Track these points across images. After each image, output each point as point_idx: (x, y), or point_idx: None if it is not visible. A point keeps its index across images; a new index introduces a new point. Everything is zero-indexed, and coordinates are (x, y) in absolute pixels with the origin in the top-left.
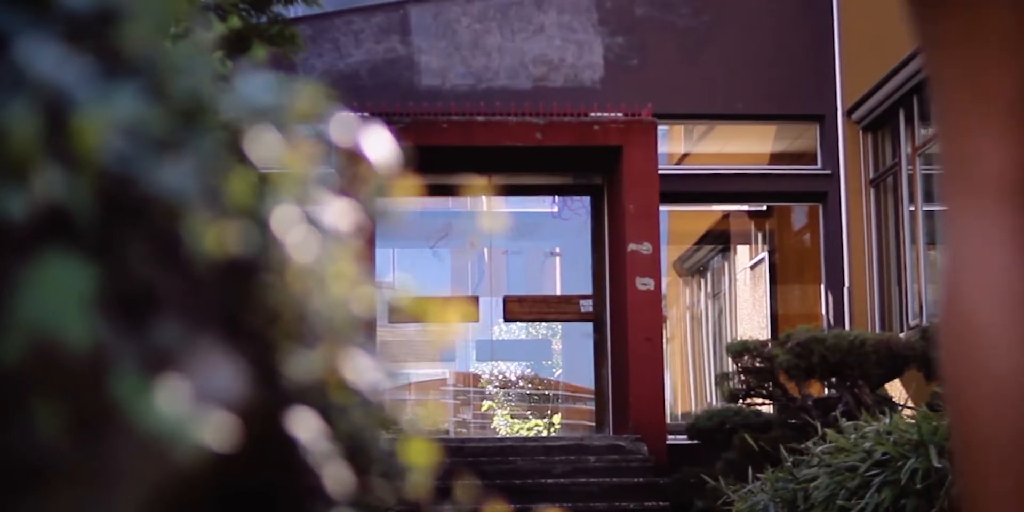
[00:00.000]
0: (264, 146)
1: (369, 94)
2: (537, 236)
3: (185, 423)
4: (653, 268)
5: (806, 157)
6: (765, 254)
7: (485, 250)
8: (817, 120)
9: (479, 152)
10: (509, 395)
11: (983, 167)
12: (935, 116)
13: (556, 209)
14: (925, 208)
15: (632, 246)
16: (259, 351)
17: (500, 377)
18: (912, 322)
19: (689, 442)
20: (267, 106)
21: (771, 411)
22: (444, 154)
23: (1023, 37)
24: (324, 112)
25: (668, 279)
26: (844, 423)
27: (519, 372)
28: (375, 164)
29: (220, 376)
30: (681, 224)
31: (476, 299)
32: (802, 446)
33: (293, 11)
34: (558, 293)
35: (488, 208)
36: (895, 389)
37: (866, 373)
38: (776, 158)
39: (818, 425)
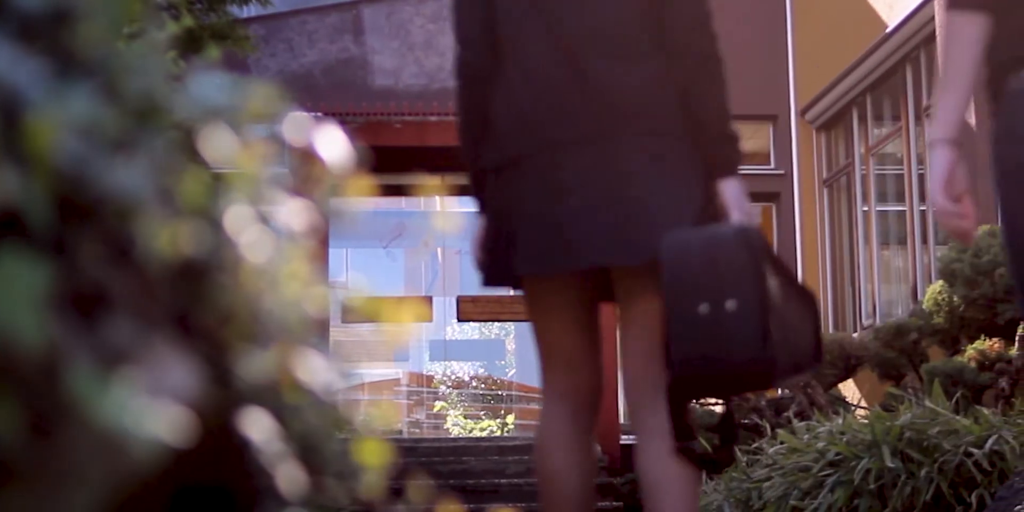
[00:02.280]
0: (217, 146)
1: (322, 94)
2: None
3: (140, 420)
4: None
5: (759, 157)
6: None
7: (438, 250)
8: (770, 120)
9: (432, 152)
10: (462, 395)
11: None
12: None
13: None
14: (878, 208)
15: None
16: (212, 351)
17: (453, 377)
18: (865, 322)
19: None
20: (220, 106)
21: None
22: (397, 154)
23: None
24: (277, 112)
25: None
26: (797, 423)
27: (472, 372)
28: (329, 164)
29: (173, 375)
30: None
31: (429, 299)
32: (755, 446)
33: (247, 11)
34: (512, 293)
35: (442, 208)
36: (848, 389)
37: (819, 373)
38: None
39: (767, 426)
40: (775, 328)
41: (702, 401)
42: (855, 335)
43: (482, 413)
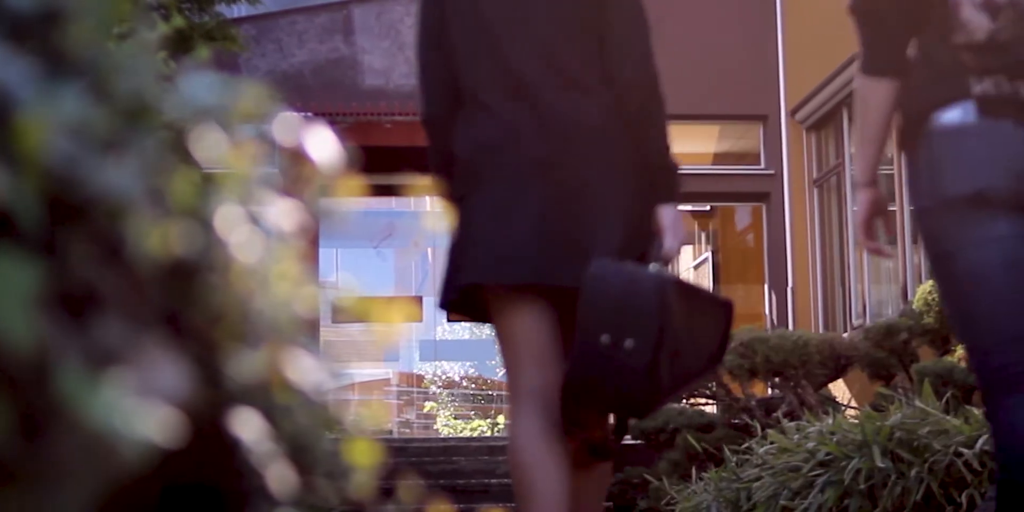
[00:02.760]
0: (208, 146)
1: (312, 94)
2: None
3: (130, 420)
4: None
5: (749, 157)
6: (708, 254)
7: (429, 250)
8: (760, 120)
9: (423, 152)
10: (453, 395)
11: None
12: None
13: None
14: None
15: None
16: (202, 351)
17: (444, 377)
18: (855, 322)
19: (632, 442)
20: (211, 106)
21: (715, 411)
22: (387, 154)
23: None
24: (268, 112)
25: None
26: (787, 423)
27: (463, 372)
28: (319, 164)
29: (163, 375)
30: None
31: (420, 299)
32: (745, 446)
33: (236, 11)
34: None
35: (432, 208)
36: (838, 389)
37: (809, 373)
38: (719, 158)
39: (758, 426)
40: (665, 359)
41: (693, 402)
42: (845, 335)
43: (472, 413)
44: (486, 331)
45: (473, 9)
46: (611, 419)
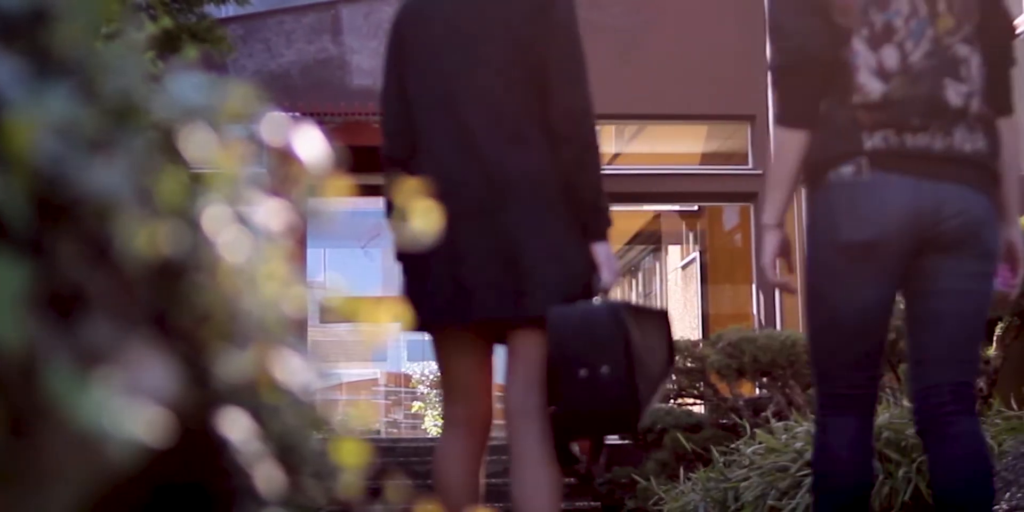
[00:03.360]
0: (196, 146)
1: (301, 94)
2: None
3: (118, 420)
4: None
5: (737, 157)
6: (696, 254)
7: None
8: (748, 120)
9: None
10: (441, 395)
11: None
12: None
13: None
14: None
15: None
16: (190, 351)
17: (432, 377)
18: None
19: (620, 442)
20: (199, 106)
21: (702, 411)
22: (376, 154)
23: None
24: (255, 112)
25: None
26: (775, 423)
27: None
28: (307, 164)
29: (151, 375)
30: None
31: None
32: (733, 446)
33: (224, 11)
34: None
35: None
36: None
37: (797, 373)
38: (707, 158)
39: (746, 426)
40: (638, 375)
41: (680, 402)
42: None
43: None
44: None
45: (429, 65)
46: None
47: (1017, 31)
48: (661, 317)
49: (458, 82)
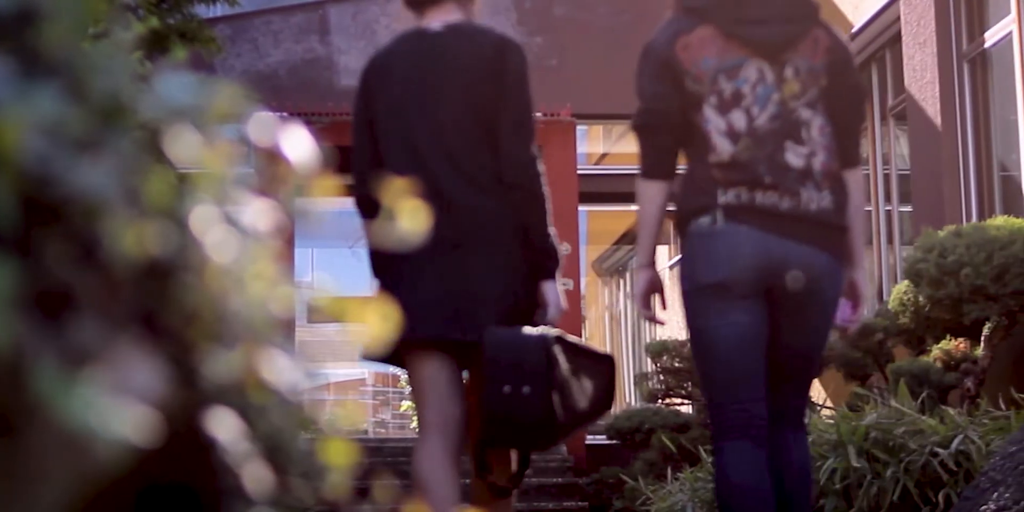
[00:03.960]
0: (183, 146)
1: (288, 94)
2: None
3: (105, 420)
4: (572, 268)
5: None
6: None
7: None
8: None
9: None
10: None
11: None
12: None
13: None
14: None
15: None
16: (178, 351)
17: None
18: None
19: (608, 442)
20: (186, 106)
21: (690, 411)
22: None
23: None
24: (243, 112)
25: (587, 279)
26: None
27: None
28: (294, 164)
29: (139, 375)
30: (600, 224)
31: None
32: None
33: (212, 11)
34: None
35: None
36: (814, 389)
37: None
38: None
39: None
40: (558, 402)
41: (668, 403)
42: None
43: None
44: None
45: (396, 120)
46: (514, 462)
47: (865, 93)
48: (605, 362)
49: (422, 136)
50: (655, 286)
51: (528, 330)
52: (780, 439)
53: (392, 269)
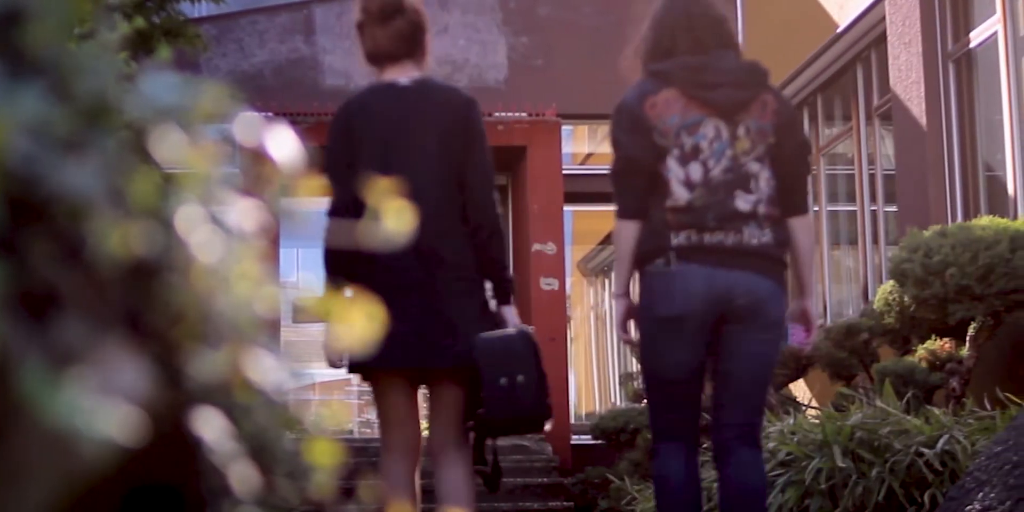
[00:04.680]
0: (169, 146)
1: (273, 94)
2: None
3: (91, 420)
4: (557, 268)
5: None
6: None
7: None
8: None
9: None
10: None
11: None
12: None
13: None
14: (829, 208)
15: (536, 246)
16: (163, 351)
17: None
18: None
19: (593, 442)
20: (171, 106)
21: None
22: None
23: None
24: (228, 112)
25: (572, 279)
26: None
27: None
28: (279, 164)
29: (124, 375)
30: (585, 224)
31: None
32: (705, 446)
33: (198, 10)
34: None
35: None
36: (799, 389)
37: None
38: None
39: None
40: (545, 383)
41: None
42: None
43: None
44: None
45: (375, 163)
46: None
47: (810, 148)
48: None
49: (400, 177)
50: (631, 313)
51: (509, 329)
52: (734, 455)
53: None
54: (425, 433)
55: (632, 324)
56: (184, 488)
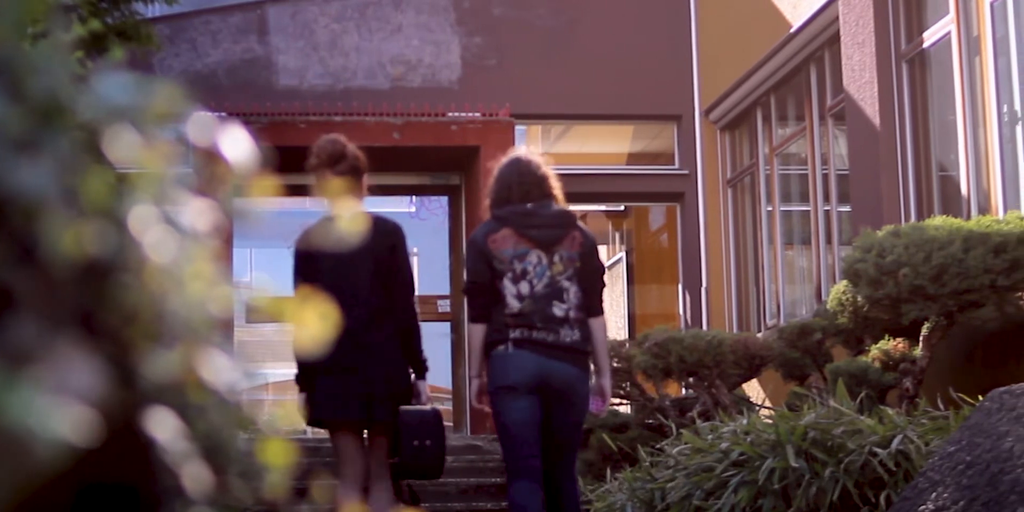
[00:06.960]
0: (122, 146)
1: (227, 94)
2: None
3: (44, 420)
4: None
5: (663, 157)
6: (623, 254)
7: None
8: (675, 120)
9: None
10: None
11: None
12: None
13: (414, 209)
14: (783, 208)
15: None
16: (116, 350)
17: None
18: (769, 322)
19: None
20: (125, 106)
21: (629, 411)
22: (302, 154)
23: None
24: (182, 112)
25: None
26: (701, 423)
27: None
28: (233, 164)
29: (78, 375)
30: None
31: None
32: (659, 446)
33: (151, 10)
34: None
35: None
36: (753, 389)
37: (724, 373)
38: (634, 158)
39: (673, 426)
40: (443, 447)
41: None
42: (759, 335)
43: None
44: None
45: (329, 277)
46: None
47: (604, 270)
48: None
49: (346, 290)
50: (484, 389)
51: (426, 407)
52: (555, 486)
53: (315, 381)
54: None
55: (485, 398)
56: (138, 487)
